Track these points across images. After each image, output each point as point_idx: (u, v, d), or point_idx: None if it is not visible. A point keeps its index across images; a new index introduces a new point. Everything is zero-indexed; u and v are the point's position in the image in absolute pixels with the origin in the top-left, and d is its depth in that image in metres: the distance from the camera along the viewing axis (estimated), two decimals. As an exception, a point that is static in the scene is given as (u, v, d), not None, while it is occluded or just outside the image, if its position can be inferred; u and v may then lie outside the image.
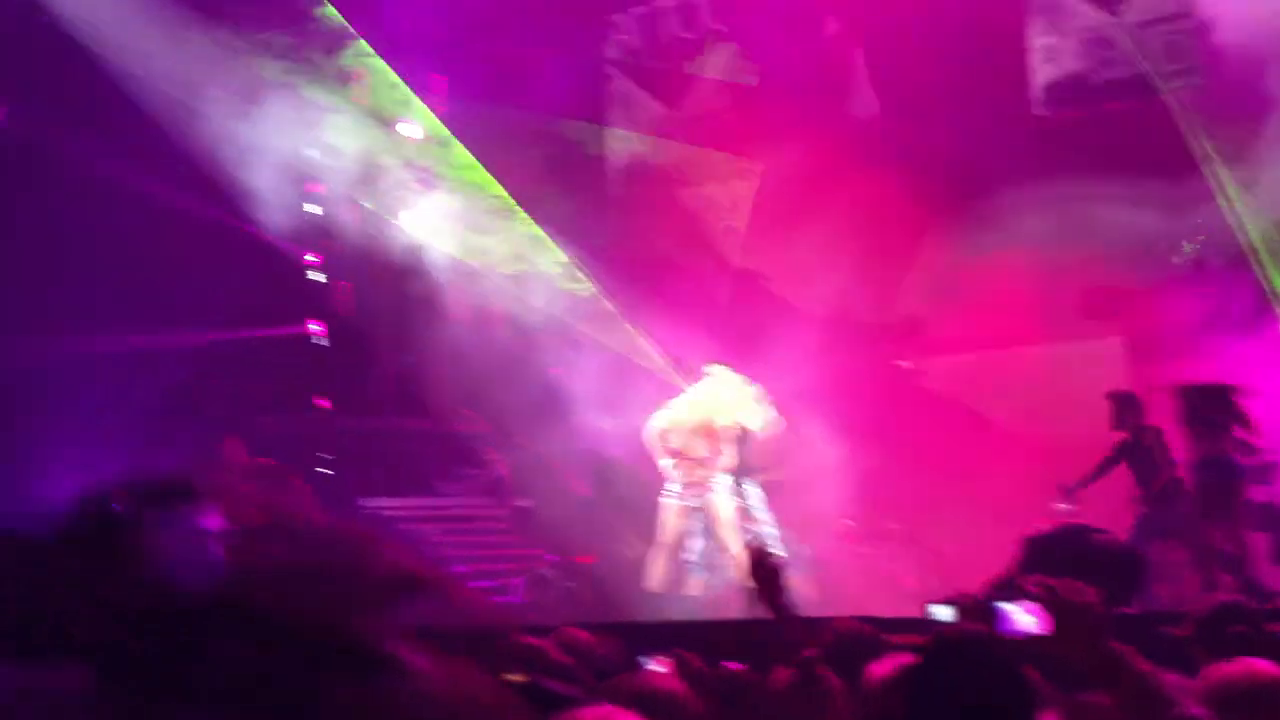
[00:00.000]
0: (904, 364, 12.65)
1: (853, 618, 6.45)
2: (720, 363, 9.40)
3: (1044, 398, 11.52)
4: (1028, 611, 2.27)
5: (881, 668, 3.17)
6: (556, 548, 11.94)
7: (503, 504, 12.36)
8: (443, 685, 1.73)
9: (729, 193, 13.11)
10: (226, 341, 12.05)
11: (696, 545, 9.09)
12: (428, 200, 11.94)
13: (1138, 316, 11.26)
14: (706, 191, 13.22)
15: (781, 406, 9.69)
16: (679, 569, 9.15)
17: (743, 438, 9.15)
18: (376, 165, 11.69)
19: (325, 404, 13.48)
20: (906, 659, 3.13)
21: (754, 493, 9.28)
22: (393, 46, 12.40)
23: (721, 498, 8.86)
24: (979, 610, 3.78)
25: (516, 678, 2.46)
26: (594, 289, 12.08)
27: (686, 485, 8.89)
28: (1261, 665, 3.03)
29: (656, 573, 8.95)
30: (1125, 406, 9.17)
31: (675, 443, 8.94)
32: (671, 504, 8.95)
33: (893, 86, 12.56)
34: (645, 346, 11.93)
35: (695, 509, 8.95)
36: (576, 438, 11.66)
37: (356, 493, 13.33)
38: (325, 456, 13.80)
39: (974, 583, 8.57)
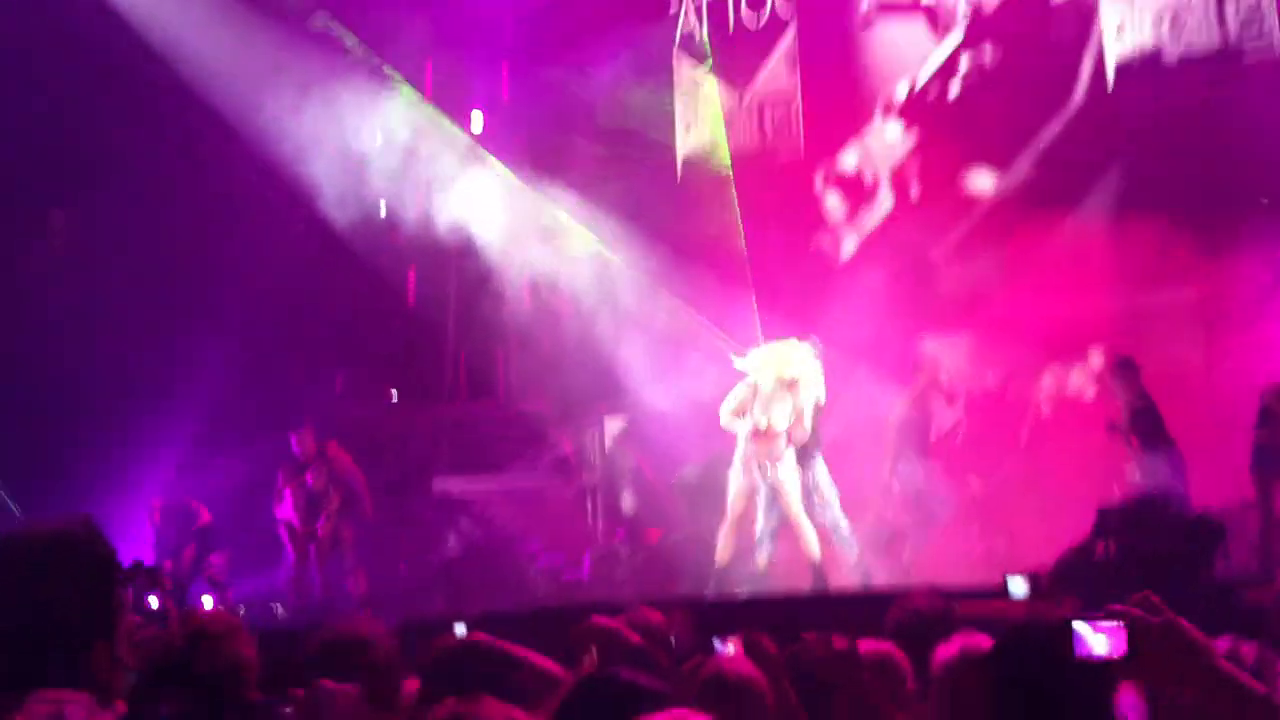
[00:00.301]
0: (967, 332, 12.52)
1: (924, 590, 6.45)
2: (787, 337, 9.35)
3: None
4: (1105, 633, 2.18)
5: (948, 649, 3.15)
6: (623, 524, 12.02)
7: (570, 482, 12.43)
8: None
9: (786, 172, 13.01)
10: (296, 334, 12.24)
11: (762, 519, 9.08)
12: (486, 187, 11.99)
13: (1212, 281, 11.04)
14: (766, 171, 13.15)
15: (847, 375, 9.66)
16: (746, 543, 9.14)
17: (817, 410, 9.09)
18: (435, 154, 11.76)
19: (393, 391, 13.69)
20: (974, 639, 3.11)
21: (820, 466, 9.24)
22: (456, 29, 12.47)
23: (788, 471, 8.82)
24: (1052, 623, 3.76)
25: (593, 668, 2.49)
26: (653, 268, 12.06)
27: (754, 460, 8.86)
28: None
29: (724, 547, 8.96)
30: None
31: (756, 416, 8.88)
32: (739, 479, 8.94)
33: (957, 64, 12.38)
34: (706, 325, 11.91)
35: (762, 483, 8.92)
36: (640, 414, 11.68)
37: (428, 474, 13.52)
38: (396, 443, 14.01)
39: (1046, 551, 8.55)
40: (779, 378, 8.87)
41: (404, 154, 11.64)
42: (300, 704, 2.12)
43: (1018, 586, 3.64)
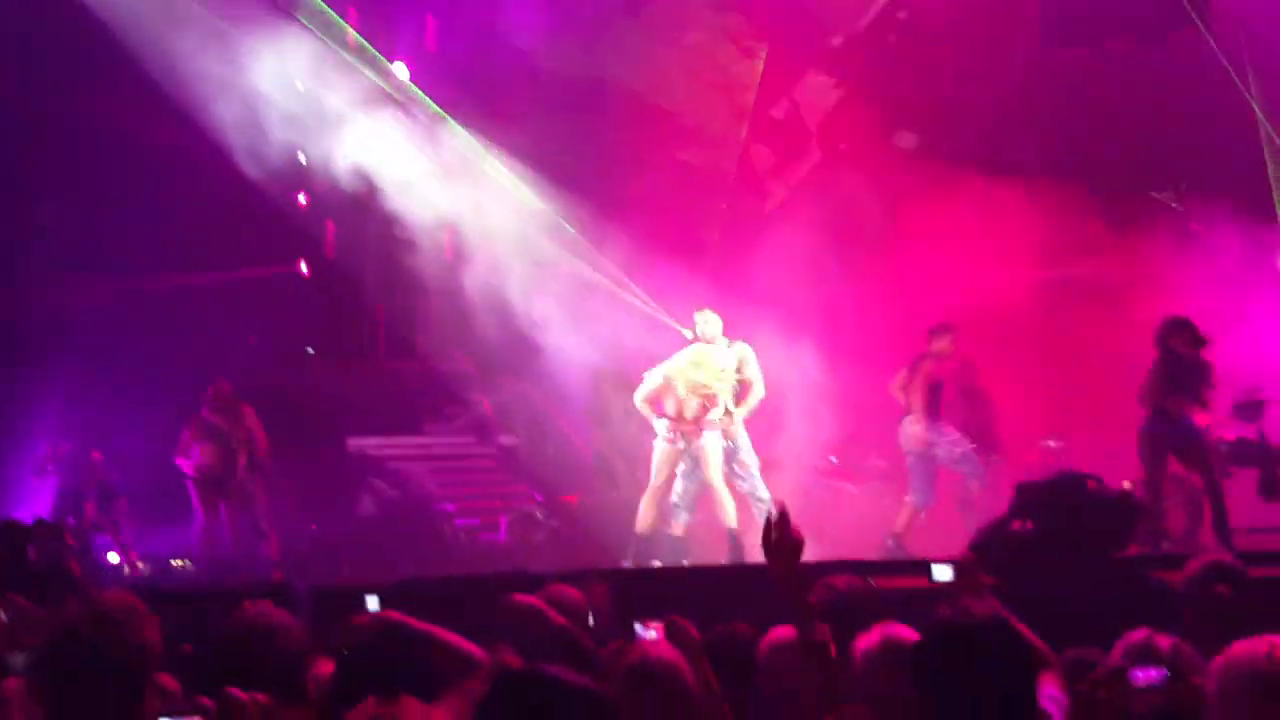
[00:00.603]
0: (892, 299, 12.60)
1: (844, 563, 6.47)
2: (706, 307, 9.28)
3: (1035, 333, 11.51)
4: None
5: (869, 639, 3.13)
6: (542, 487, 11.96)
7: (488, 443, 12.32)
8: None
9: (716, 134, 12.92)
10: (213, 285, 11.94)
11: (680, 487, 9.08)
12: (409, 138, 11.72)
13: (1131, 253, 11.22)
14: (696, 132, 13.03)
15: (770, 343, 9.63)
16: (666, 511, 9.13)
17: (736, 390, 9.10)
18: (356, 103, 11.46)
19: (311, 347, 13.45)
20: (894, 629, 3.09)
21: (743, 436, 9.24)
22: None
23: (711, 440, 8.82)
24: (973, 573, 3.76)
25: (514, 661, 2.41)
26: (582, 221, 11.90)
27: (677, 431, 8.87)
28: None
29: (645, 515, 8.94)
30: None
31: (669, 408, 8.93)
32: (663, 447, 8.92)
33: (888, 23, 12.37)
34: (634, 289, 11.81)
35: (683, 451, 8.92)
36: (561, 377, 11.57)
37: (344, 433, 13.32)
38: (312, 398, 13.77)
39: (958, 523, 8.61)
40: (691, 385, 8.87)
41: (322, 103, 11.33)
42: (210, 715, 2.01)
43: (942, 573, 3.63)
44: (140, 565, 11.08)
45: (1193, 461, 8.54)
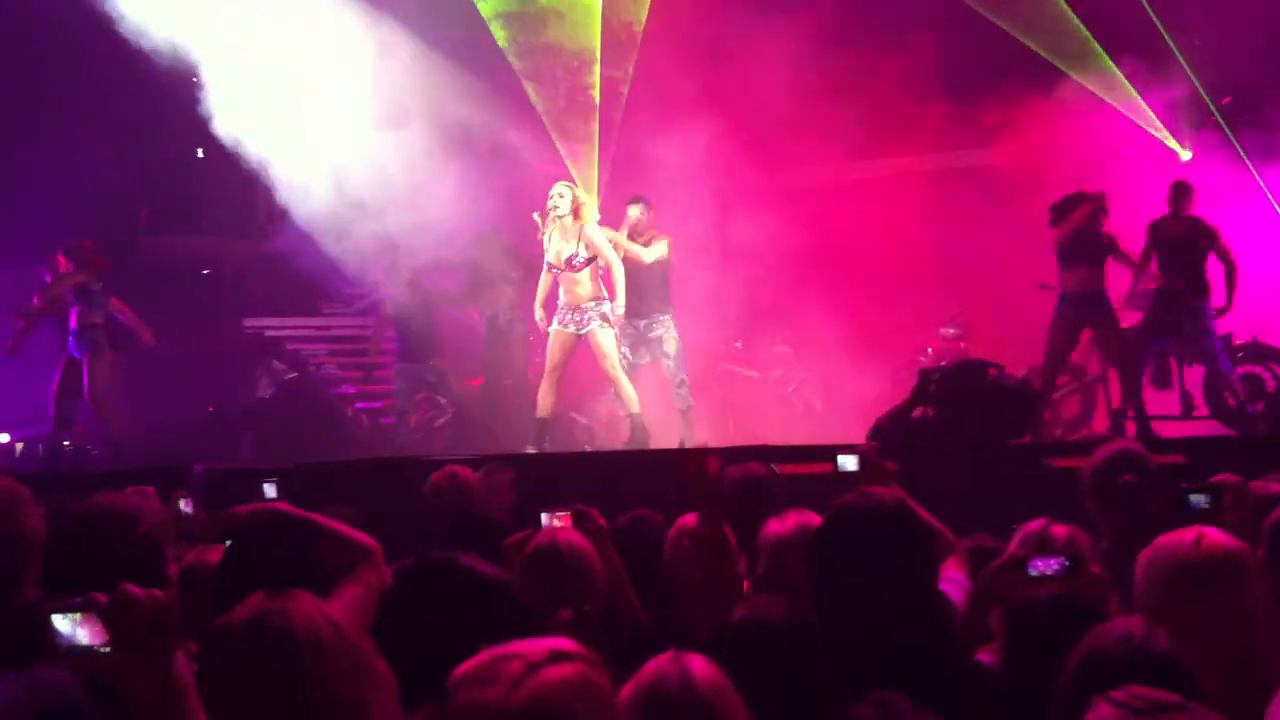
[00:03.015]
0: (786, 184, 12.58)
1: (749, 448, 6.50)
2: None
3: (929, 219, 11.59)
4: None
5: (783, 524, 3.12)
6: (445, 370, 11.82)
7: (388, 326, 12.05)
8: None
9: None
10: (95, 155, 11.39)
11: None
12: (307, 9, 11.20)
13: (1028, 139, 11.28)
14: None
15: (672, 237, 9.51)
16: (565, 395, 8.98)
17: (635, 270, 8.90)
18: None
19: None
20: (808, 517, 3.08)
21: (670, 325, 9.14)
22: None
23: (601, 329, 8.59)
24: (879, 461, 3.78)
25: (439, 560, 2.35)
26: (483, 92, 11.50)
27: (569, 315, 8.61)
28: None
29: (544, 399, 8.79)
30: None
31: (562, 298, 8.64)
32: (556, 331, 8.71)
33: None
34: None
35: (579, 337, 8.70)
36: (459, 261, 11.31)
37: (240, 313, 13.00)
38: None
39: (864, 407, 8.70)
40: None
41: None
42: (102, 610, 1.89)
43: (848, 462, 3.63)
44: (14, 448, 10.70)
45: (1104, 337, 8.63)
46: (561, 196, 8.58)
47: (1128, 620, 2.22)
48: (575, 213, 8.53)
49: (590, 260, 8.50)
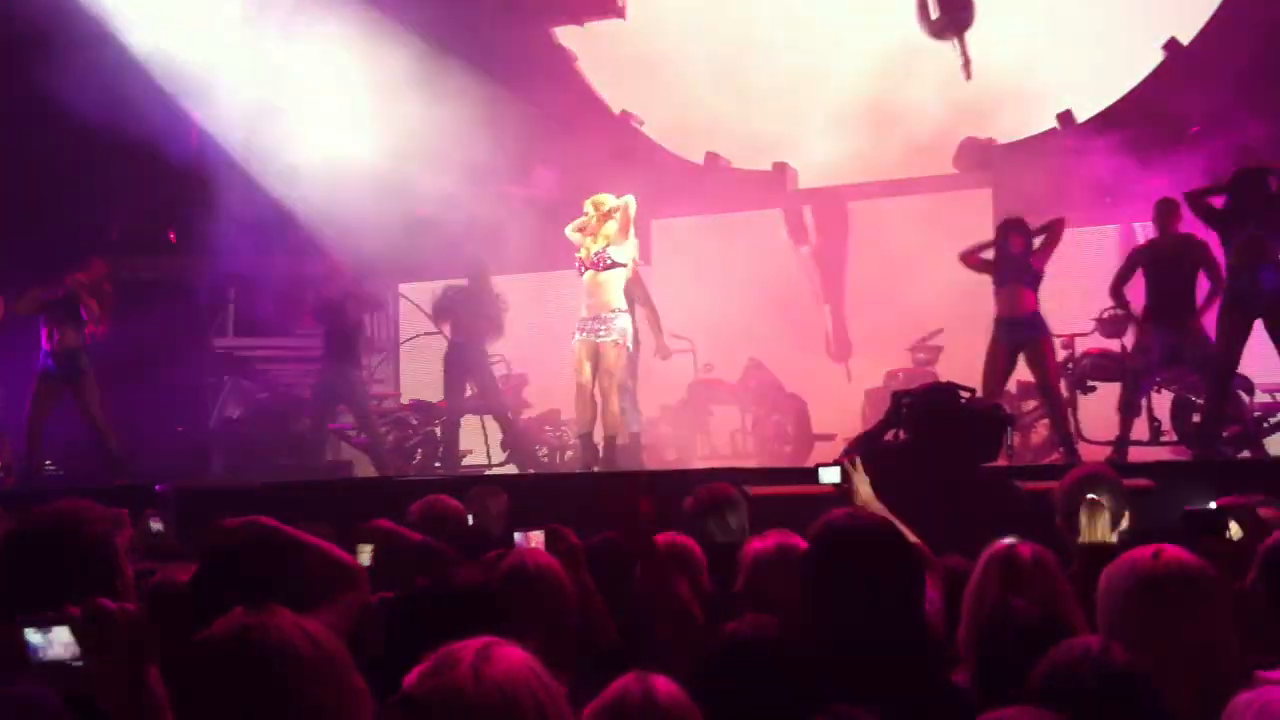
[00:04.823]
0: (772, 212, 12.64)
1: (719, 470, 6.53)
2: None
3: (910, 246, 11.65)
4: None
5: (764, 544, 3.14)
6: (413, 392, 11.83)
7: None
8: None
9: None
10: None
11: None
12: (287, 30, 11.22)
13: (1008, 169, 11.37)
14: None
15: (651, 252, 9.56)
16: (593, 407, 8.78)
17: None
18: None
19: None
20: (791, 539, 3.11)
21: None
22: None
23: (615, 345, 8.50)
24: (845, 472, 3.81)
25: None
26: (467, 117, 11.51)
27: (590, 324, 8.55)
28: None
29: (583, 415, 8.57)
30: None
31: (585, 310, 8.59)
32: (579, 343, 8.58)
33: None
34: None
35: (598, 345, 8.58)
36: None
37: (209, 332, 12.93)
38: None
39: (837, 429, 8.70)
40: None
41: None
42: (74, 623, 1.89)
43: (829, 475, 3.65)
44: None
45: (1033, 361, 8.52)
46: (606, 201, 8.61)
47: (1088, 636, 2.26)
48: (613, 215, 8.53)
49: (615, 264, 8.49)
